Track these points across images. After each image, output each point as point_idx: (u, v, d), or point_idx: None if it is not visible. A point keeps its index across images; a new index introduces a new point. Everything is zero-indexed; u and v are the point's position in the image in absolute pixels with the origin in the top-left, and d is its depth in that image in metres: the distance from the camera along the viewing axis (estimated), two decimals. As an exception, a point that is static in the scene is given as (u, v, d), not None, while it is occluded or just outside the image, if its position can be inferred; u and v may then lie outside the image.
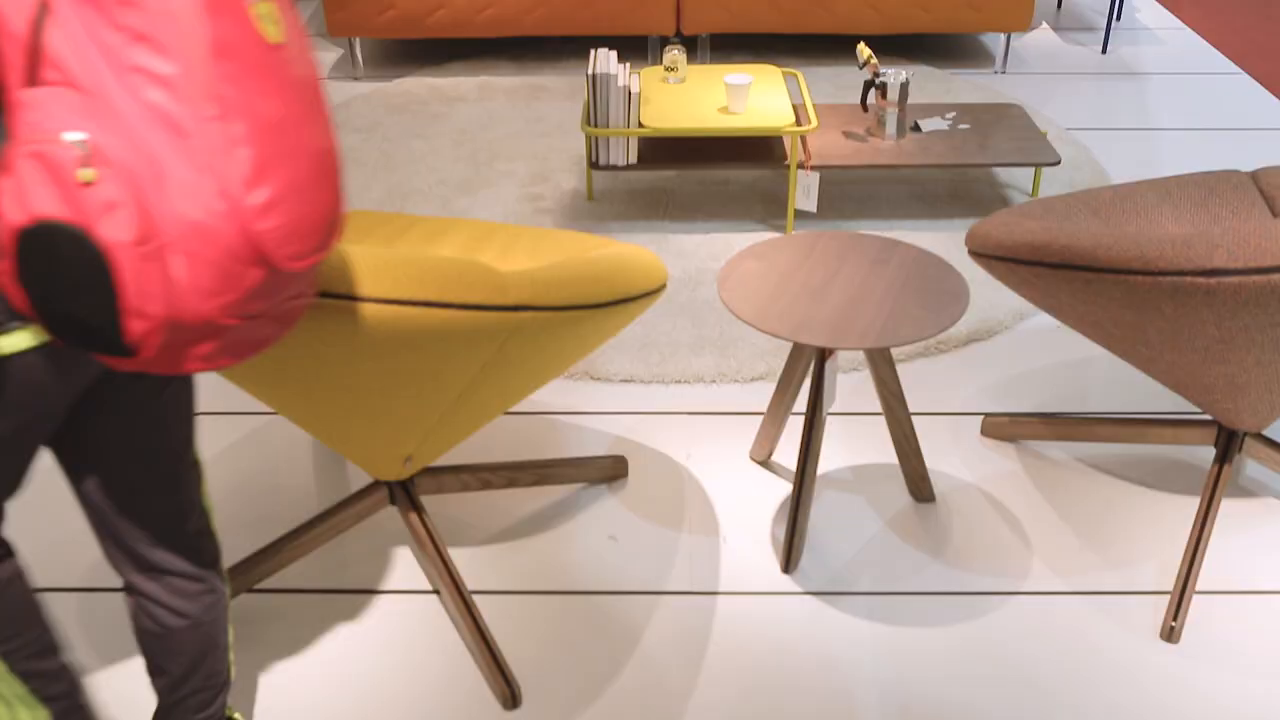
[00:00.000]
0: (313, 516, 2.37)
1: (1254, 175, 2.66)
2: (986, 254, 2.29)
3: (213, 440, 2.66)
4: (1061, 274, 2.14)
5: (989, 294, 3.14)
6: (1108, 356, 2.93)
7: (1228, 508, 2.43)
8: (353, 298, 1.75)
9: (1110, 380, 2.84)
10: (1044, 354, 2.94)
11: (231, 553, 2.34)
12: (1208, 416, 2.61)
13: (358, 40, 4.62)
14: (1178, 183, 2.63)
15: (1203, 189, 2.62)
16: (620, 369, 2.85)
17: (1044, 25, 5.21)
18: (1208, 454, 2.60)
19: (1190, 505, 2.44)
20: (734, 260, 2.31)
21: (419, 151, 4.01)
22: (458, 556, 2.32)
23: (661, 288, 2.16)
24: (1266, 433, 2.65)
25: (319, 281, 1.71)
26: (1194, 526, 2.24)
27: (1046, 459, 2.58)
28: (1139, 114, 4.35)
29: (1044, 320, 3.07)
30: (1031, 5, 4.53)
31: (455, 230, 2.48)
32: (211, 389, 2.83)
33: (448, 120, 4.25)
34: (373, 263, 1.78)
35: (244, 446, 2.64)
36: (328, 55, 4.91)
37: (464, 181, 3.79)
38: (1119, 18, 5.21)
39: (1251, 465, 2.55)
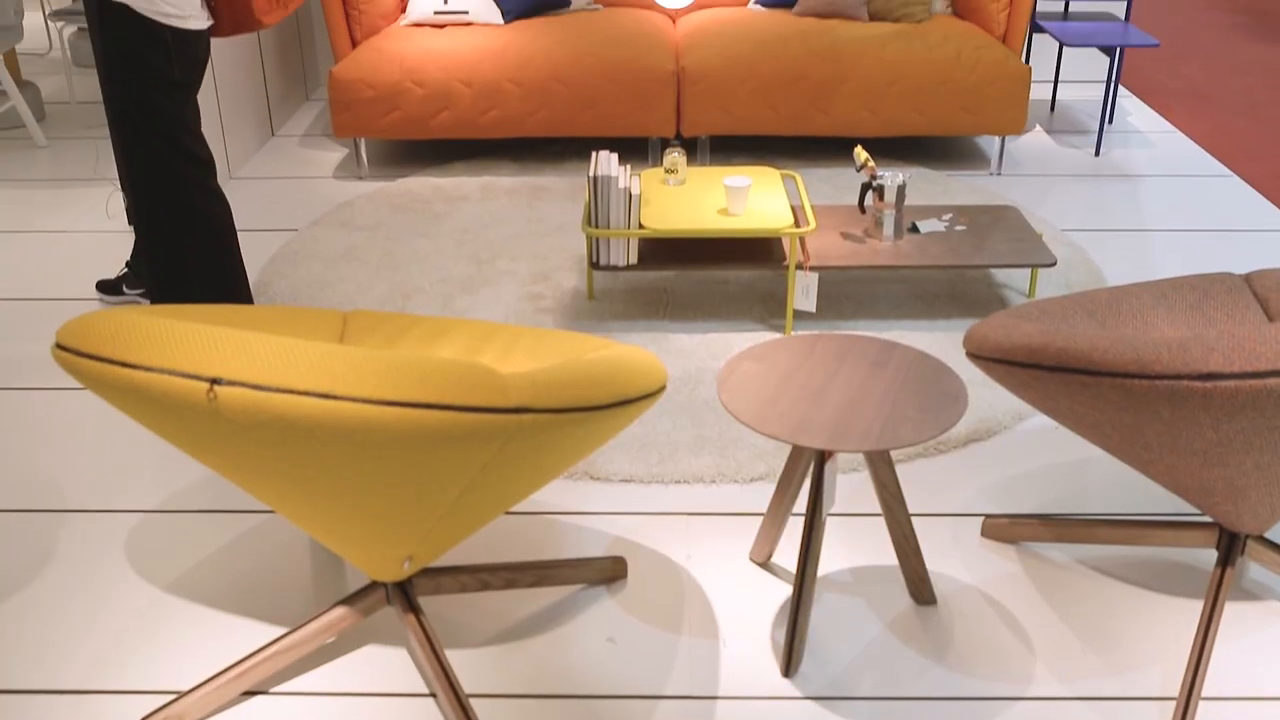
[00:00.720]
0: (309, 617, 2.35)
1: (1247, 278, 2.69)
2: (984, 356, 2.30)
3: (209, 538, 2.65)
4: (1059, 377, 2.15)
5: (987, 394, 3.15)
6: (1107, 457, 2.93)
7: (1232, 611, 2.41)
8: (354, 399, 1.76)
9: (1110, 481, 2.84)
10: (1043, 454, 2.94)
11: (227, 653, 2.32)
12: (1209, 518, 2.61)
13: (362, 141, 4.70)
14: (1172, 285, 2.66)
15: (1197, 291, 2.65)
16: (620, 469, 2.85)
17: (1037, 128, 5.30)
18: (1210, 556, 2.58)
19: (1193, 608, 2.43)
20: (733, 361, 2.32)
21: (422, 250, 4.05)
22: (455, 659, 2.30)
23: (661, 389, 2.17)
24: (1269, 535, 2.64)
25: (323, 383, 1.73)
26: (1198, 630, 2.22)
27: (1048, 561, 2.56)
28: (1132, 215, 4.41)
29: (1043, 421, 3.08)
30: (1025, 109, 4.61)
31: (456, 331, 2.50)
32: (208, 486, 2.83)
33: (450, 219, 4.30)
34: (374, 364, 1.79)
35: (241, 545, 2.63)
36: (333, 155, 4.99)
37: (466, 280, 3.83)
38: (1111, 121, 5.31)
39: (1254, 568, 2.54)
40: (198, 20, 3.09)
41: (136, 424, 3.05)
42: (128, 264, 3.73)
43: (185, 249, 3.25)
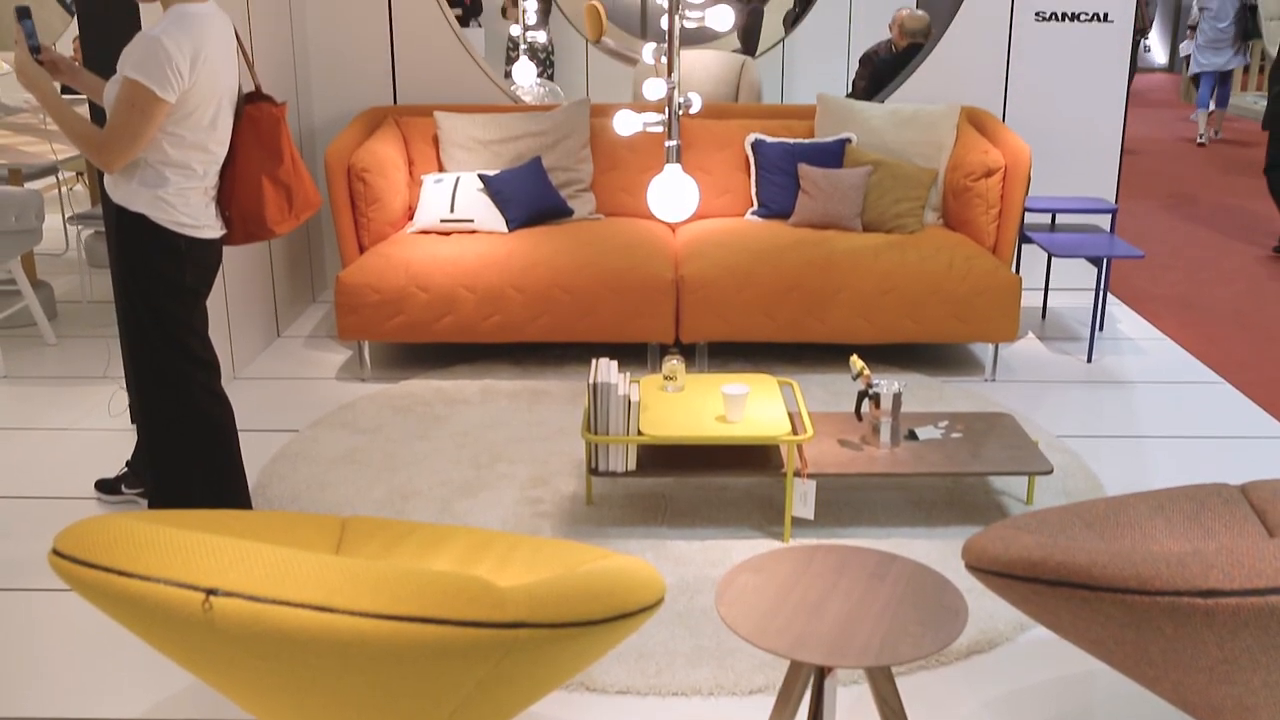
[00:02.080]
0: (294, 838, 2.27)
1: (1244, 489, 2.70)
2: (983, 569, 2.30)
3: (195, 752, 2.58)
4: (1059, 591, 2.14)
5: (988, 604, 3.12)
6: (1112, 670, 2.88)
7: (1247, 837, 2.33)
8: (351, 612, 1.75)
9: (1116, 695, 2.78)
10: (1047, 667, 2.90)
11: None
12: (1218, 738, 2.55)
13: (366, 343, 4.78)
14: (1169, 496, 2.67)
15: (1194, 502, 2.66)
16: (616, 680, 2.80)
17: (1030, 334, 5.40)
18: (1222, 777, 2.51)
19: (1208, 834, 2.34)
20: (731, 573, 2.31)
21: (421, 453, 4.07)
22: None
23: (659, 602, 2.16)
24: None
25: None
26: None
27: (1056, 781, 2.50)
28: (1127, 422, 4.45)
29: (1046, 632, 3.04)
30: (1016, 318, 4.71)
31: (453, 539, 2.49)
32: (195, 694, 2.77)
33: (450, 422, 4.33)
34: (371, 577, 1.79)
35: (227, 759, 2.56)
36: (336, 357, 5.06)
37: (465, 483, 3.83)
38: (1101, 328, 5.41)
39: (1268, 790, 2.47)
40: (211, 230, 3.19)
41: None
42: (128, 463, 3.75)
43: (186, 449, 3.27)
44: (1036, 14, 5.63)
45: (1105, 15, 5.61)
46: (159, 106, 2.94)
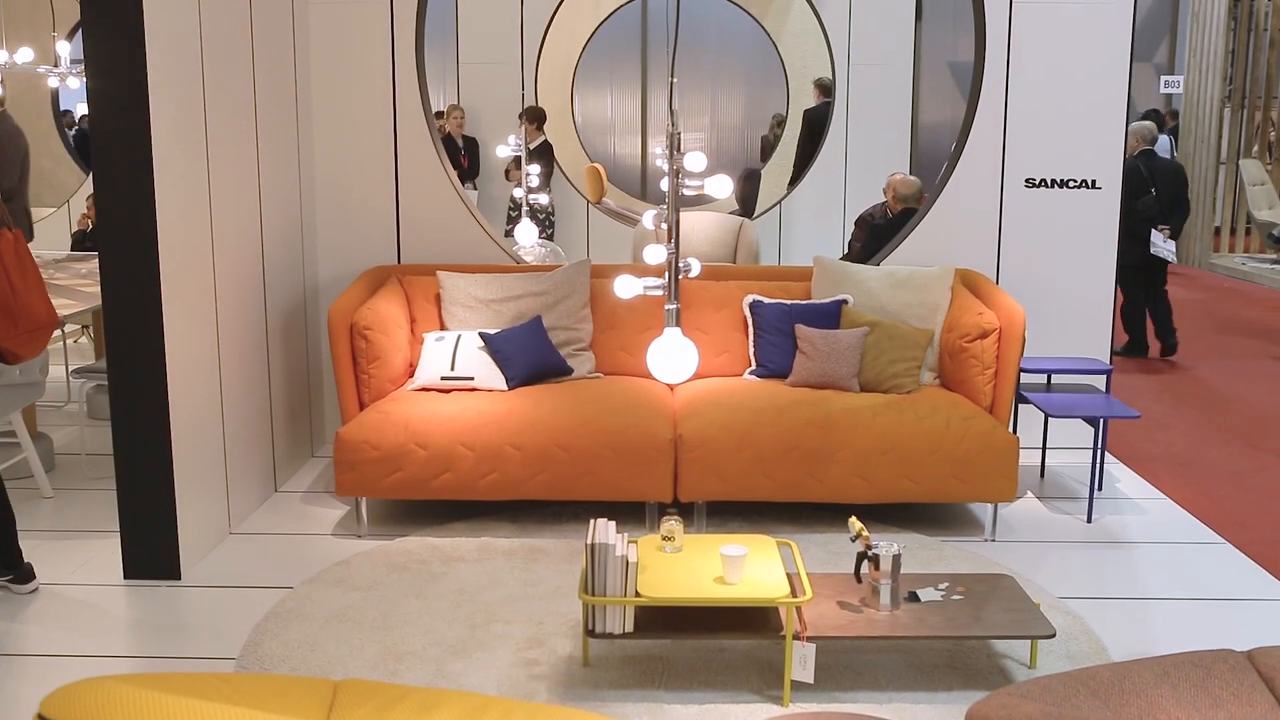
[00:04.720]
0: None
1: (1250, 656, 2.66)
2: (987, 739, 2.25)
3: None
4: (1065, 763, 2.10)
5: (994, 774, 3.04)
6: (1123, 846, 2.80)
7: None
8: (340, 784, 1.71)
9: None
10: (1056, 842, 2.81)
11: None
12: None
13: (364, 500, 4.76)
14: (1175, 662, 2.63)
15: (1201, 669, 2.62)
16: None
17: (1029, 494, 5.39)
18: None
19: None
20: (730, 742, 2.27)
21: (415, 612, 4.02)
22: None
23: (656, 772, 2.11)
24: None
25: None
26: None
27: None
28: (1129, 583, 4.41)
29: (1053, 804, 2.96)
30: (1015, 478, 4.71)
31: (447, 704, 2.44)
32: None
33: (446, 580, 4.29)
34: (363, 746, 1.76)
35: None
36: (334, 513, 5.04)
37: (459, 644, 3.78)
38: (1100, 488, 5.40)
39: None
40: None
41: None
42: None
43: None
44: (1026, 180, 5.78)
45: (1094, 182, 5.76)
46: None
